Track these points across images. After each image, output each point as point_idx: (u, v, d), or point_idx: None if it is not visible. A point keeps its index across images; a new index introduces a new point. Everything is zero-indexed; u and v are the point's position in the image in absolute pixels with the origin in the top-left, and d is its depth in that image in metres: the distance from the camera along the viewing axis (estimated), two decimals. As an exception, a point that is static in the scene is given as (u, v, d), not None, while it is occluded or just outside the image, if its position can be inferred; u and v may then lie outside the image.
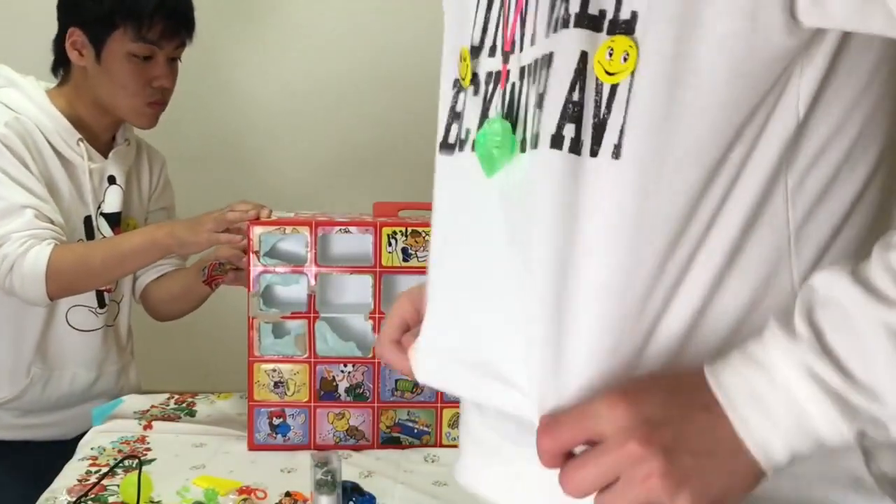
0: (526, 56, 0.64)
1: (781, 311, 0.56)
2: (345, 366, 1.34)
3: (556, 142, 0.59)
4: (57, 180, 1.46)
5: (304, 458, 1.14)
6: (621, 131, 0.57)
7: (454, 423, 1.37)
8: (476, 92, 0.70)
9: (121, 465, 1.25)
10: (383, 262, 1.32)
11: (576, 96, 0.59)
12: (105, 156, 1.54)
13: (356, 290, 1.39)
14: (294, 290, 1.36)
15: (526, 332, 0.62)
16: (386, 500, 1.16)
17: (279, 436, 1.35)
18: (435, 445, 1.37)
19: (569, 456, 0.57)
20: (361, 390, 1.35)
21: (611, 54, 0.57)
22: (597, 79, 0.58)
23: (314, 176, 2.53)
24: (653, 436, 0.53)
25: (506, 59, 0.67)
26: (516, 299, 0.63)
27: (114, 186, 1.55)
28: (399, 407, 1.36)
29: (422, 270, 1.33)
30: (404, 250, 1.32)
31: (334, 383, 1.35)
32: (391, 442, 1.37)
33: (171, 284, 1.65)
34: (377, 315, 1.33)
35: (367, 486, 1.07)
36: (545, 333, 0.60)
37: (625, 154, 0.57)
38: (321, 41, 2.47)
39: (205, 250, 1.44)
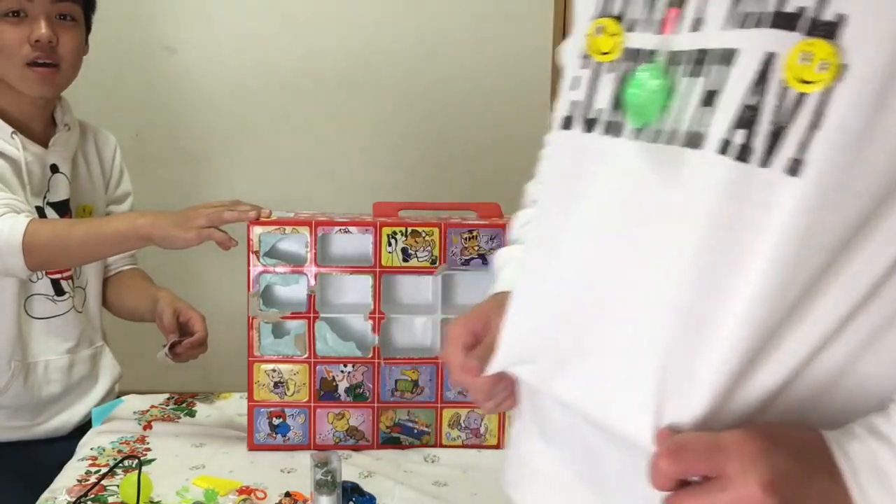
0: (684, 41, 0.60)
1: None
2: (345, 366, 1.34)
3: (724, 147, 0.56)
4: (6, 176, 1.44)
5: (304, 459, 1.14)
6: (803, 145, 0.54)
7: (454, 423, 1.37)
8: (612, 69, 0.65)
9: (121, 465, 1.25)
10: (383, 262, 1.32)
11: (753, 100, 0.55)
12: (46, 145, 1.50)
13: (356, 290, 1.38)
14: (294, 290, 1.36)
15: (655, 337, 0.60)
16: (386, 500, 1.16)
17: (279, 436, 1.35)
18: (435, 446, 1.37)
19: (681, 482, 0.56)
20: (361, 390, 1.35)
21: (805, 59, 0.53)
22: (782, 82, 0.54)
23: (314, 176, 2.54)
24: (775, 484, 0.53)
25: (655, 35, 0.62)
26: (651, 299, 0.60)
27: (57, 175, 1.52)
28: (399, 407, 1.36)
29: (422, 270, 1.33)
30: (404, 250, 1.32)
31: (334, 383, 1.35)
32: (391, 442, 1.37)
33: (124, 296, 1.65)
34: (377, 315, 1.33)
35: (367, 486, 1.07)
36: (678, 343, 0.58)
37: (807, 172, 0.53)
38: (322, 41, 2.47)
39: (191, 246, 1.34)
